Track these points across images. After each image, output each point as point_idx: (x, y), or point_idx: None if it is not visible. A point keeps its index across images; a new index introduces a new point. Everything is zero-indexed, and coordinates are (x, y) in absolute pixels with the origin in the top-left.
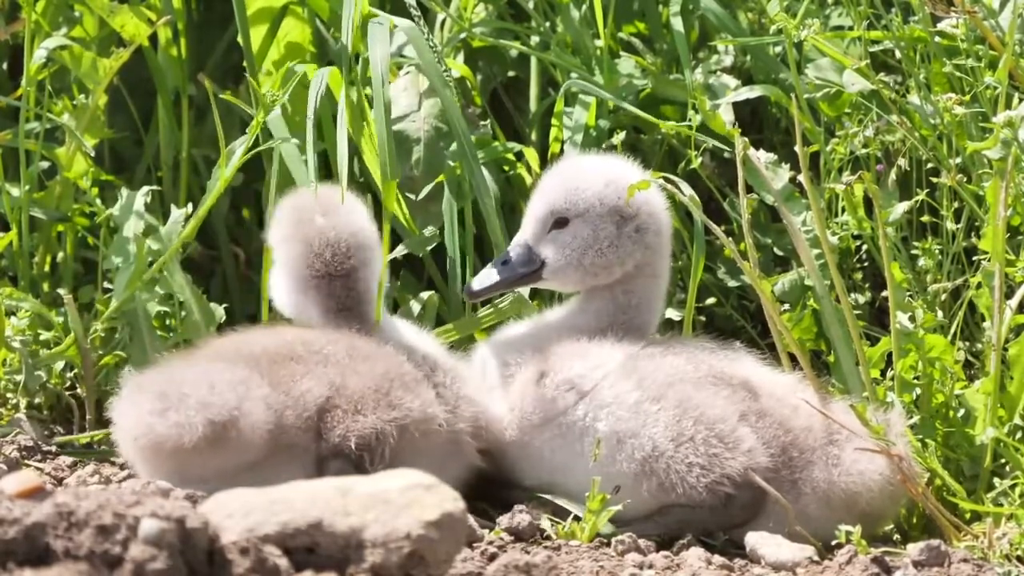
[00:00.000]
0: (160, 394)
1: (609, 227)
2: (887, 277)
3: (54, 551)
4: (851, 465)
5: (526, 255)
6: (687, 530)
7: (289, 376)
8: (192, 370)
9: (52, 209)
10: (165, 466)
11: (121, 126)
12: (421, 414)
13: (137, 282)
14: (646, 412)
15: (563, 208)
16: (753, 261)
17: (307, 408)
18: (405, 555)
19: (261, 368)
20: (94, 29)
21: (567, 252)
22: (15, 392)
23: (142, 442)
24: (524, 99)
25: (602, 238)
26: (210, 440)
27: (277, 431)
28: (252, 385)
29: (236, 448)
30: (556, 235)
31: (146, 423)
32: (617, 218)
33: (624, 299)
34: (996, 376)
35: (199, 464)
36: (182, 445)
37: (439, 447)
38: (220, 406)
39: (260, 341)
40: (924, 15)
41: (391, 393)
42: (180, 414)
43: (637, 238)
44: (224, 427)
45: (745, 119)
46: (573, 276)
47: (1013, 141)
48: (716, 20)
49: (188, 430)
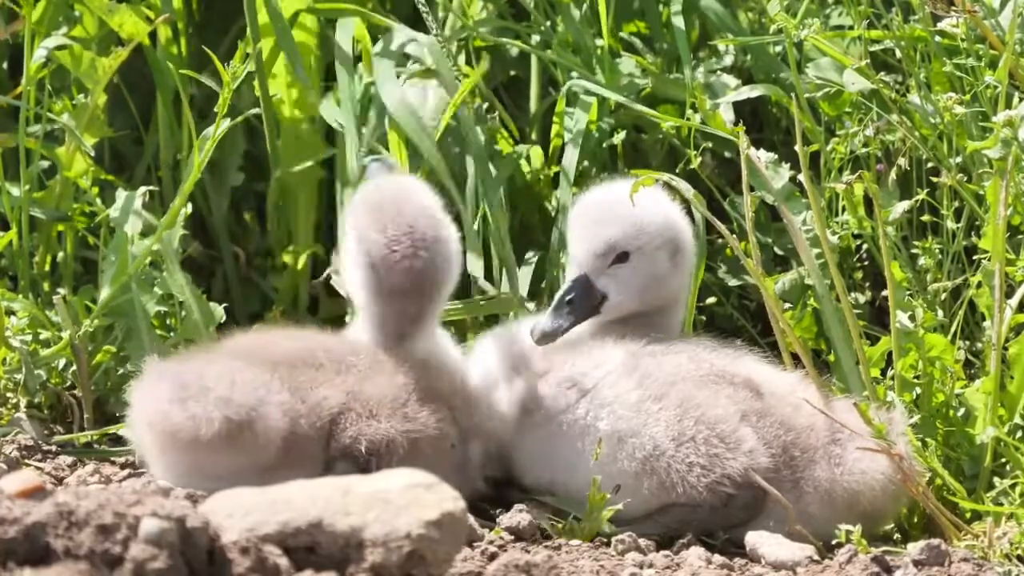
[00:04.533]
0: (182, 384)
1: (665, 261)
2: (887, 276)
3: (54, 550)
4: (853, 464)
5: (589, 292)
6: (687, 529)
7: (308, 383)
8: (214, 366)
9: (52, 209)
10: (174, 457)
11: (121, 125)
12: (436, 432)
13: (123, 276)
14: (647, 411)
15: (625, 244)
16: (756, 259)
17: (321, 417)
18: (405, 554)
19: (281, 373)
20: (94, 28)
21: (630, 288)
22: (15, 391)
23: (157, 429)
24: (525, 99)
25: (660, 272)
26: (224, 437)
27: (291, 439)
28: (272, 389)
29: (248, 450)
30: (616, 270)
31: (164, 410)
32: (672, 250)
33: (658, 322)
34: (996, 375)
35: (209, 461)
36: (197, 437)
37: (447, 466)
38: (240, 404)
39: (282, 345)
40: (924, 14)
41: (408, 406)
42: (199, 406)
43: (681, 263)
44: (240, 426)
45: (745, 118)
46: (630, 308)
47: (1013, 140)
48: (716, 19)
49: (205, 423)
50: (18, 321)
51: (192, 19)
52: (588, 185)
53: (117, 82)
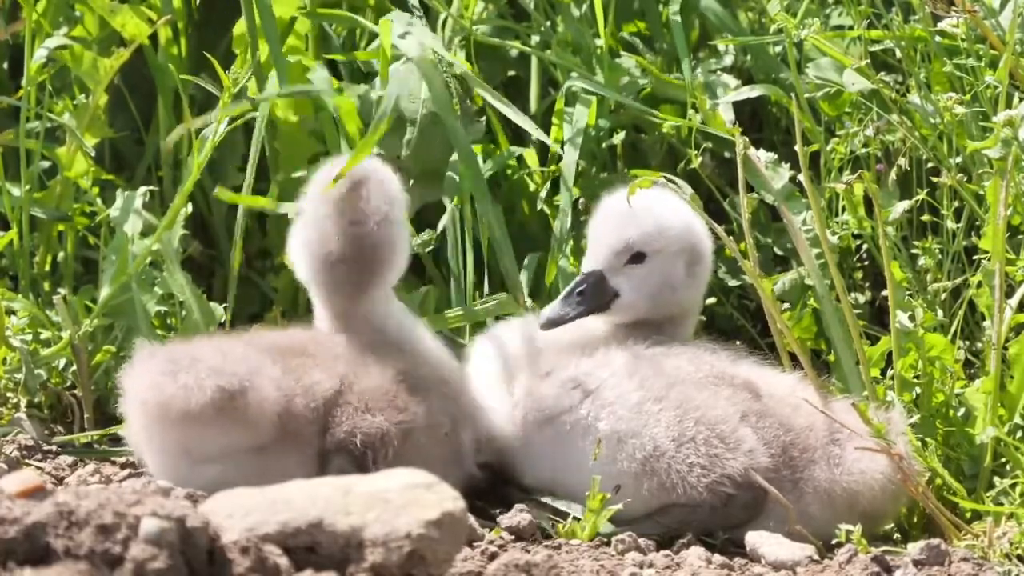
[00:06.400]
0: (171, 359)
1: (680, 267)
2: (887, 276)
3: (54, 550)
4: (852, 464)
5: (601, 287)
6: (687, 529)
7: (300, 366)
8: (205, 344)
9: (53, 209)
10: (170, 436)
11: (122, 126)
12: (427, 420)
13: (123, 276)
14: (648, 412)
15: (643, 245)
16: (754, 260)
17: (315, 399)
18: (405, 554)
19: (273, 355)
20: (95, 29)
21: (643, 289)
22: (15, 391)
23: (150, 404)
24: (524, 99)
25: (675, 278)
26: (218, 407)
27: (285, 416)
28: (265, 364)
29: (243, 423)
30: (631, 269)
31: (155, 383)
32: (688, 258)
33: (669, 330)
34: (996, 375)
35: (204, 437)
36: (189, 409)
37: (442, 455)
38: (231, 374)
39: (271, 336)
40: (924, 14)
41: (399, 396)
42: (190, 376)
43: (698, 274)
44: (232, 396)
45: (745, 119)
46: (640, 311)
47: (1013, 140)
48: (716, 19)
49: (197, 392)
50: (18, 321)
51: (192, 19)
52: (588, 185)
53: (118, 82)
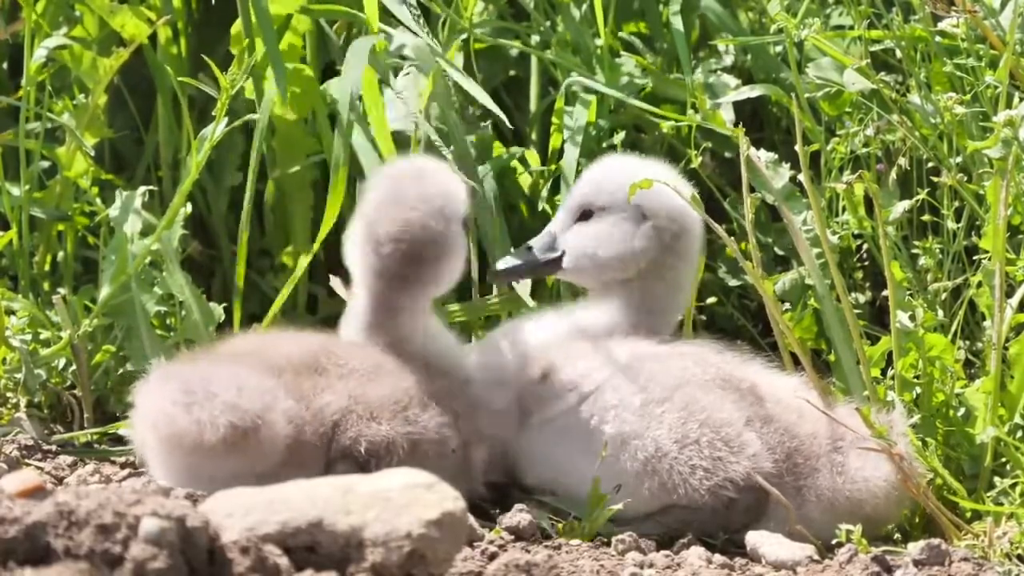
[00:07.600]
0: (187, 389)
1: (627, 224)
2: (887, 276)
3: (54, 550)
4: (856, 472)
5: (549, 243)
6: (688, 530)
7: (311, 389)
8: (220, 370)
9: (52, 208)
10: (177, 460)
11: (121, 125)
12: (436, 435)
13: (123, 276)
14: (651, 414)
15: (589, 201)
16: (756, 260)
17: (324, 424)
18: (406, 554)
19: (286, 379)
20: (94, 29)
21: (584, 244)
22: (15, 391)
23: (162, 433)
24: (524, 98)
25: (618, 233)
26: (229, 444)
27: (294, 446)
28: (279, 396)
29: (252, 456)
30: (579, 227)
31: (169, 414)
32: (637, 216)
33: (638, 299)
34: (996, 375)
35: (211, 465)
36: (201, 443)
37: (448, 469)
38: (245, 411)
39: (285, 348)
40: (925, 14)
41: (409, 409)
42: (205, 411)
43: (654, 236)
44: (245, 434)
45: (745, 118)
46: (588, 269)
47: (1013, 140)
48: (716, 19)
49: (210, 429)
50: (18, 321)
51: (191, 19)
52: None
53: (117, 82)
